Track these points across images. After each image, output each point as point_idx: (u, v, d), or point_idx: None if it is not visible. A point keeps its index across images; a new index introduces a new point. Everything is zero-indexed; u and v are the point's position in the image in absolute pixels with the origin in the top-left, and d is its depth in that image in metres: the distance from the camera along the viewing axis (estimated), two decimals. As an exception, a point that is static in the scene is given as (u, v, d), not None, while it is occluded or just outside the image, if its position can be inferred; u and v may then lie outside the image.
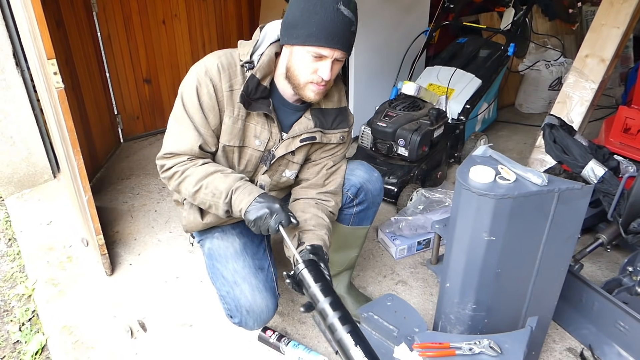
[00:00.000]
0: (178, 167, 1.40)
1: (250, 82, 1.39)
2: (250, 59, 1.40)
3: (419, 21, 3.28)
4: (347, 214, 1.69)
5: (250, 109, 1.42)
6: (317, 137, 1.52)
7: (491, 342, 1.29)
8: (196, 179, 1.38)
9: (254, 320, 1.50)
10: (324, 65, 1.33)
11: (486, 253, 1.33)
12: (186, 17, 3.16)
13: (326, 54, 1.31)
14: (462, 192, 1.31)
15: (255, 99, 1.41)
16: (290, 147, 1.51)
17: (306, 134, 1.50)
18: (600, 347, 1.68)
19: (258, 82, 1.39)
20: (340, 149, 1.61)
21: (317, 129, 1.51)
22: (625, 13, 2.37)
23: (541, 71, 3.56)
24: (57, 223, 2.43)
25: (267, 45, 1.41)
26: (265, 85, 1.41)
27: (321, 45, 1.30)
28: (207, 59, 1.42)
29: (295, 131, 1.49)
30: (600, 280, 1.81)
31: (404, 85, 2.61)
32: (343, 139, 1.57)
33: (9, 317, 1.96)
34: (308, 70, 1.35)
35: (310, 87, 1.38)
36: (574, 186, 1.28)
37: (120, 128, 3.21)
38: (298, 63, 1.35)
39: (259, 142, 1.49)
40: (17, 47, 2.41)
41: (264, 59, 1.39)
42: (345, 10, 1.28)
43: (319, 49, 1.30)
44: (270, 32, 1.42)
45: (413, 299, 1.96)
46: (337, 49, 1.31)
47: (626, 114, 2.35)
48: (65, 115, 1.69)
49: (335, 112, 1.53)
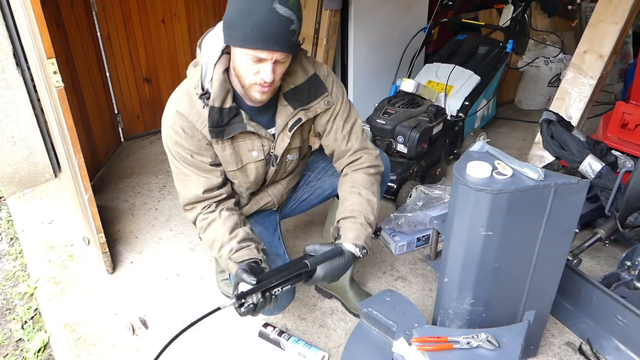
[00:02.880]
0: (197, 224, 1.51)
1: (212, 114, 1.37)
2: (204, 89, 1.36)
3: (417, 18, 3.29)
4: None
5: (226, 135, 1.41)
6: (302, 118, 1.50)
7: (489, 335, 1.30)
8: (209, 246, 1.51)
9: (274, 306, 1.51)
10: (265, 68, 1.29)
11: (484, 248, 1.34)
12: (186, 16, 3.17)
13: (264, 57, 1.27)
14: (459, 188, 1.32)
15: (226, 124, 1.40)
16: (285, 140, 1.51)
17: (291, 121, 1.49)
18: (598, 341, 1.68)
19: (220, 109, 1.37)
20: (339, 108, 1.54)
21: (298, 109, 1.48)
22: (623, 9, 2.37)
23: (540, 68, 3.56)
24: (58, 222, 2.45)
25: (212, 65, 1.36)
26: (228, 107, 1.38)
27: (257, 48, 1.24)
28: (169, 112, 1.41)
29: (280, 124, 1.49)
30: (599, 274, 1.81)
31: (403, 82, 2.62)
32: (328, 103, 1.51)
33: (12, 315, 1.97)
34: (250, 72, 1.31)
35: (255, 88, 1.35)
36: (571, 181, 1.29)
37: (121, 127, 3.22)
38: (240, 65, 1.31)
39: (256, 152, 1.50)
40: (17, 47, 2.42)
41: (215, 86, 1.35)
42: (281, 9, 1.21)
43: (256, 52, 1.25)
44: (209, 47, 1.37)
45: (412, 294, 1.97)
46: (276, 51, 1.26)
47: (624, 109, 2.35)
48: (65, 114, 1.70)
49: (307, 84, 1.47)
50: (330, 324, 1.84)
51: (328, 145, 1.61)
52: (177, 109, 1.39)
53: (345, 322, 1.84)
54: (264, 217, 1.71)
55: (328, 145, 1.61)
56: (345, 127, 1.56)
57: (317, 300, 1.94)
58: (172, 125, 1.40)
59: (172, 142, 1.43)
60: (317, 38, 3.05)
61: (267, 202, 1.69)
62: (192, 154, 1.43)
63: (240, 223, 1.50)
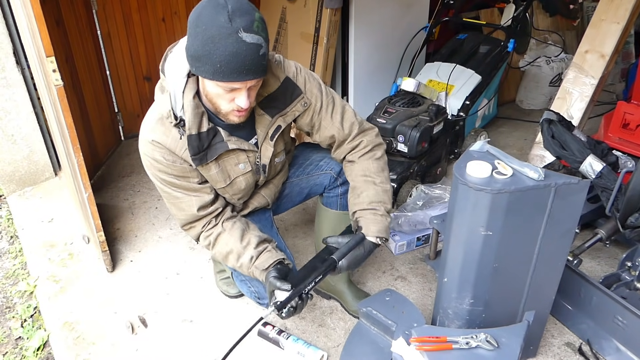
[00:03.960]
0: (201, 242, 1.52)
1: (191, 142, 1.34)
2: (177, 118, 1.32)
3: (418, 17, 3.28)
4: (332, 196, 1.70)
5: (210, 158, 1.40)
6: (282, 125, 1.48)
7: (488, 336, 1.30)
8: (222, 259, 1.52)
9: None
10: (240, 96, 1.26)
11: (483, 248, 1.34)
12: (186, 14, 3.15)
13: (238, 87, 1.24)
14: (459, 187, 1.31)
15: (207, 147, 1.38)
16: (269, 149, 1.50)
17: (271, 130, 1.47)
18: (598, 341, 1.68)
19: (197, 135, 1.34)
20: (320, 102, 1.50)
21: (276, 117, 1.45)
22: (625, 8, 2.36)
23: (542, 67, 3.55)
24: (58, 220, 2.45)
25: (181, 92, 1.31)
26: (205, 130, 1.35)
27: (230, 80, 1.21)
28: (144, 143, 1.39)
29: (261, 134, 1.47)
30: (599, 275, 1.81)
31: (404, 81, 2.61)
32: (305, 104, 1.47)
33: (11, 313, 1.97)
34: (225, 100, 1.29)
35: (232, 114, 1.33)
36: (571, 181, 1.29)
37: (121, 126, 3.21)
38: (213, 95, 1.29)
39: (242, 165, 1.49)
40: (17, 45, 2.42)
41: (188, 113, 1.31)
42: (247, 37, 1.16)
43: (228, 84, 1.23)
44: (173, 73, 1.32)
45: (412, 294, 1.96)
46: (248, 80, 1.23)
47: (625, 109, 2.34)
48: (64, 112, 1.70)
49: (280, 90, 1.43)
50: (330, 323, 1.83)
51: (322, 141, 1.59)
52: (153, 138, 1.36)
53: (345, 321, 1.84)
54: (259, 214, 1.71)
55: (322, 141, 1.59)
56: (335, 118, 1.52)
57: (317, 299, 1.94)
58: (150, 154, 1.38)
59: (155, 170, 1.41)
60: (318, 37, 3.05)
61: (261, 203, 1.69)
62: (177, 178, 1.41)
63: (246, 227, 1.50)
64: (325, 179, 1.67)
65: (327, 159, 1.66)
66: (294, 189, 1.75)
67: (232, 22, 1.15)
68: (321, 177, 1.68)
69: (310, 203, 2.49)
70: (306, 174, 1.70)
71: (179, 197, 1.44)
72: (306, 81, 1.48)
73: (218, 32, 1.15)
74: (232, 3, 1.16)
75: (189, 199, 1.44)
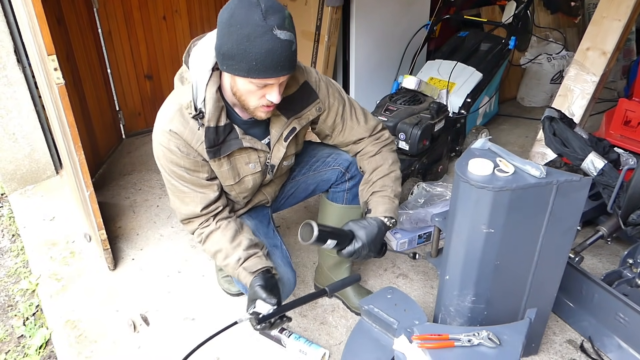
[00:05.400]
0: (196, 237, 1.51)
1: (209, 134, 1.35)
2: (197, 109, 1.33)
3: (419, 15, 3.28)
4: (339, 191, 1.70)
5: (223, 153, 1.40)
6: (297, 127, 1.49)
7: (490, 333, 1.30)
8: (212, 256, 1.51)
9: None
10: (272, 92, 1.28)
11: (485, 245, 1.34)
12: (187, 12, 3.16)
13: (272, 82, 1.26)
14: (461, 185, 1.31)
15: (222, 142, 1.39)
16: (281, 150, 1.51)
17: (286, 131, 1.48)
18: (600, 339, 1.68)
19: (215, 128, 1.35)
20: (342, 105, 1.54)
21: (292, 118, 1.47)
22: (627, 5, 2.36)
23: (543, 64, 3.54)
24: (60, 219, 2.45)
25: (204, 85, 1.32)
26: (222, 125, 1.36)
27: (264, 77, 1.23)
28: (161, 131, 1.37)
29: (275, 134, 1.48)
30: (601, 272, 1.81)
31: (405, 79, 2.61)
32: (319, 109, 1.50)
33: (13, 311, 1.98)
34: (255, 97, 1.29)
35: (261, 110, 1.34)
36: (573, 178, 1.29)
37: (122, 124, 3.22)
38: (244, 91, 1.29)
39: (252, 165, 1.49)
40: (18, 43, 2.42)
41: (209, 106, 1.32)
42: (281, 34, 1.18)
43: (263, 80, 1.24)
44: (198, 66, 1.32)
45: (413, 291, 1.96)
46: (282, 75, 1.25)
47: (626, 106, 2.34)
48: (66, 110, 1.70)
49: (298, 93, 1.45)
50: (332, 321, 1.84)
51: (344, 142, 1.61)
52: (171, 127, 1.36)
53: (346, 319, 1.84)
54: (257, 211, 1.71)
55: (344, 142, 1.61)
56: (360, 119, 1.57)
57: (318, 297, 1.94)
58: (165, 144, 1.38)
59: (166, 160, 1.40)
60: (319, 35, 3.04)
61: (261, 200, 1.69)
62: (188, 172, 1.41)
63: (239, 229, 1.50)
64: (333, 174, 1.67)
65: (335, 154, 1.66)
66: (299, 187, 1.75)
67: (266, 20, 1.16)
68: (328, 173, 1.68)
69: (311, 201, 2.49)
70: (313, 170, 1.70)
71: (185, 192, 1.44)
72: (328, 86, 1.53)
73: (253, 30, 1.16)
74: (264, 1, 1.18)
75: (195, 195, 1.44)
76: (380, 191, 1.52)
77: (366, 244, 1.41)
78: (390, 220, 1.49)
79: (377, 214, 1.48)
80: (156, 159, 1.44)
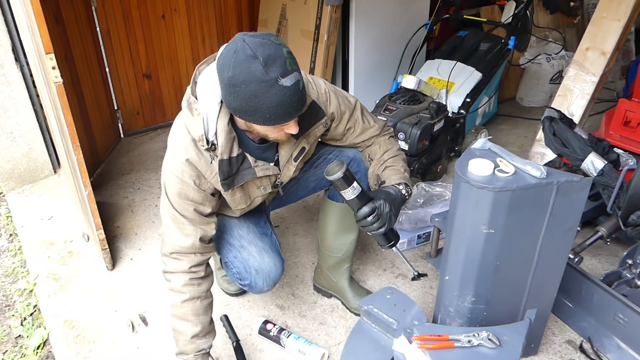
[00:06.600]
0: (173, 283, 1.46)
1: (222, 167, 1.33)
2: (209, 142, 1.30)
3: (419, 14, 3.27)
4: None
5: (237, 184, 1.39)
6: (306, 146, 1.49)
7: (490, 334, 1.29)
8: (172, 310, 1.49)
9: (263, 280, 1.53)
10: (290, 127, 1.28)
11: (485, 246, 1.34)
12: (186, 11, 3.15)
13: (288, 123, 1.26)
14: (461, 185, 1.31)
15: (235, 173, 1.38)
16: (290, 169, 1.51)
17: (295, 151, 1.48)
18: (599, 339, 1.68)
19: (228, 160, 1.34)
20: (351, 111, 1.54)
21: (301, 138, 1.46)
22: (626, 5, 2.35)
23: (542, 64, 3.54)
24: (58, 218, 2.44)
25: (214, 119, 1.29)
26: (235, 155, 1.35)
27: (280, 123, 1.23)
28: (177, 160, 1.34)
29: (284, 155, 1.47)
30: (600, 273, 1.81)
31: (404, 78, 2.60)
32: (326, 125, 1.49)
33: (11, 311, 1.97)
34: (274, 132, 1.30)
35: (280, 137, 1.35)
36: (573, 178, 1.28)
37: (121, 123, 3.21)
38: (262, 131, 1.30)
39: (263, 187, 1.49)
40: (16, 42, 2.41)
41: (221, 139, 1.30)
42: (287, 82, 1.15)
43: (279, 126, 1.25)
44: (206, 97, 1.29)
45: (413, 292, 1.96)
46: (297, 115, 1.25)
47: (626, 107, 2.34)
48: (64, 110, 1.69)
49: (307, 114, 1.42)
50: (331, 321, 1.83)
51: (355, 142, 1.60)
52: (188, 157, 1.33)
53: (346, 319, 1.84)
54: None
55: (355, 142, 1.60)
56: (369, 120, 1.58)
57: (317, 297, 1.94)
58: (180, 175, 1.34)
59: (176, 192, 1.36)
60: (318, 34, 3.04)
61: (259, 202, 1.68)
62: (195, 206, 1.39)
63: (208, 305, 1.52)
64: None
65: (336, 151, 1.66)
66: (300, 184, 1.74)
67: (269, 73, 1.13)
68: None
69: (310, 201, 2.49)
70: (314, 167, 1.70)
71: (184, 223, 1.40)
72: (337, 95, 1.52)
73: (259, 87, 1.14)
74: (259, 51, 1.13)
75: (194, 228, 1.41)
76: (392, 166, 1.51)
77: (387, 201, 1.38)
78: (407, 188, 1.48)
79: (392, 182, 1.47)
80: (163, 186, 1.39)
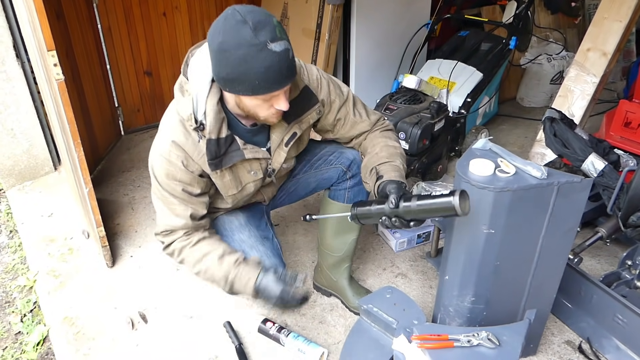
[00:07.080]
0: (175, 245, 1.46)
1: (210, 147, 1.34)
2: (197, 122, 1.31)
3: (420, 14, 3.27)
4: (340, 189, 1.69)
5: (225, 165, 1.39)
6: (297, 132, 1.48)
7: (489, 334, 1.30)
8: (193, 262, 1.46)
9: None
10: (280, 101, 1.27)
11: (485, 246, 1.34)
12: (187, 9, 3.15)
13: (277, 94, 1.25)
14: (462, 185, 1.31)
15: (224, 154, 1.37)
16: (281, 155, 1.50)
17: (287, 136, 1.47)
18: (598, 340, 1.68)
19: (217, 140, 1.34)
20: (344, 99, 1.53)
21: (292, 123, 1.46)
22: (628, 6, 2.35)
23: (543, 65, 3.54)
24: (58, 215, 2.44)
25: (204, 99, 1.30)
26: (224, 136, 1.35)
27: (269, 92, 1.22)
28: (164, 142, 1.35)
29: (276, 139, 1.47)
30: (599, 273, 1.81)
31: (405, 78, 2.60)
32: (320, 112, 1.49)
33: (11, 308, 1.97)
34: (264, 108, 1.29)
35: (271, 117, 1.34)
36: (573, 179, 1.28)
37: (121, 120, 3.21)
38: (252, 107, 1.29)
39: (254, 172, 1.49)
40: (17, 38, 2.41)
41: (210, 118, 1.31)
42: (276, 46, 1.15)
43: (268, 95, 1.24)
44: (197, 78, 1.30)
45: (412, 291, 1.96)
46: (286, 85, 1.24)
47: (627, 108, 2.34)
48: (65, 106, 1.69)
49: (299, 98, 1.43)
50: (330, 320, 1.84)
51: (345, 135, 1.60)
52: (174, 138, 1.35)
53: (345, 318, 1.84)
54: (250, 205, 1.70)
55: (345, 135, 1.60)
56: (361, 113, 1.56)
57: (317, 296, 1.94)
58: (167, 156, 1.36)
59: (163, 173, 1.38)
60: (319, 33, 3.04)
61: (258, 199, 1.69)
62: (183, 187, 1.40)
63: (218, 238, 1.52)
64: (335, 173, 1.67)
65: (337, 152, 1.66)
66: (300, 184, 1.75)
67: (258, 37, 1.14)
68: (330, 172, 1.68)
69: (310, 200, 2.49)
70: (314, 168, 1.70)
71: (175, 203, 1.42)
72: (329, 83, 1.51)
73: (248, 50, 1.14)
74: (249, 16, 1.14)
75: (185, 207, 1.42)
76: (390, 161, 1.49)
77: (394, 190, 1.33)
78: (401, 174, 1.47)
79: (391, 177, 1.44)
80: (151, 170, 1.41)
